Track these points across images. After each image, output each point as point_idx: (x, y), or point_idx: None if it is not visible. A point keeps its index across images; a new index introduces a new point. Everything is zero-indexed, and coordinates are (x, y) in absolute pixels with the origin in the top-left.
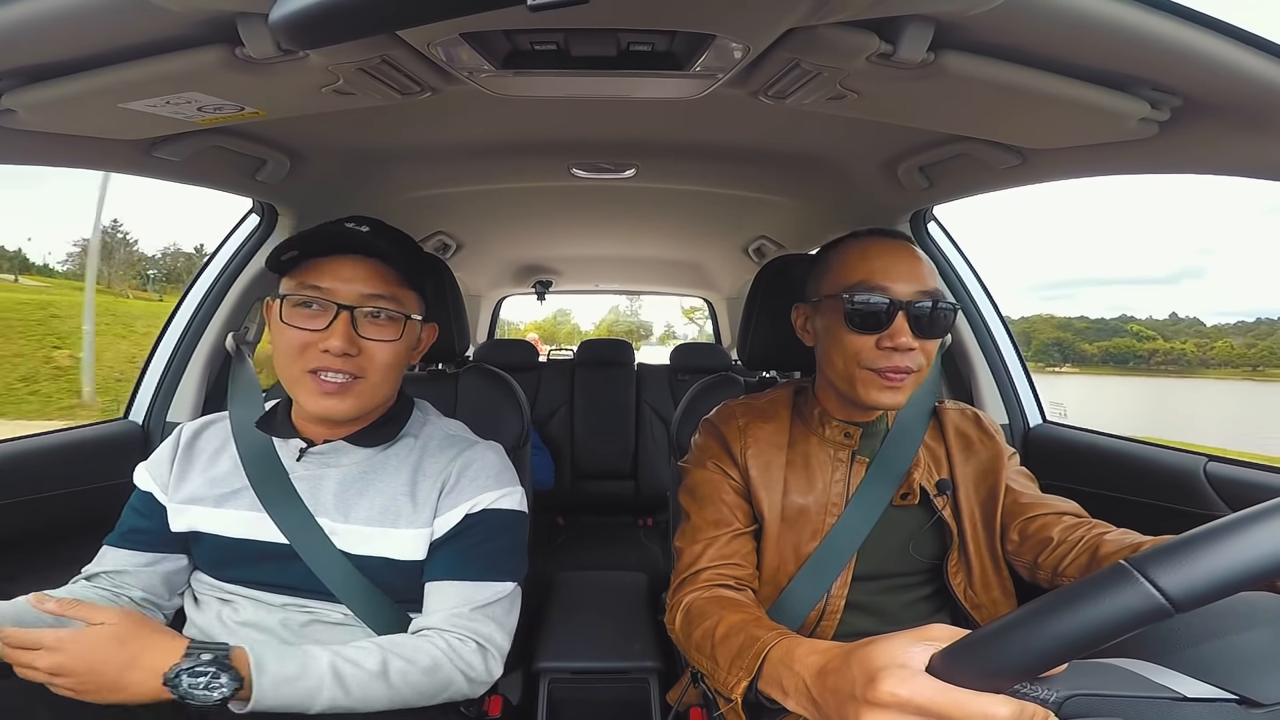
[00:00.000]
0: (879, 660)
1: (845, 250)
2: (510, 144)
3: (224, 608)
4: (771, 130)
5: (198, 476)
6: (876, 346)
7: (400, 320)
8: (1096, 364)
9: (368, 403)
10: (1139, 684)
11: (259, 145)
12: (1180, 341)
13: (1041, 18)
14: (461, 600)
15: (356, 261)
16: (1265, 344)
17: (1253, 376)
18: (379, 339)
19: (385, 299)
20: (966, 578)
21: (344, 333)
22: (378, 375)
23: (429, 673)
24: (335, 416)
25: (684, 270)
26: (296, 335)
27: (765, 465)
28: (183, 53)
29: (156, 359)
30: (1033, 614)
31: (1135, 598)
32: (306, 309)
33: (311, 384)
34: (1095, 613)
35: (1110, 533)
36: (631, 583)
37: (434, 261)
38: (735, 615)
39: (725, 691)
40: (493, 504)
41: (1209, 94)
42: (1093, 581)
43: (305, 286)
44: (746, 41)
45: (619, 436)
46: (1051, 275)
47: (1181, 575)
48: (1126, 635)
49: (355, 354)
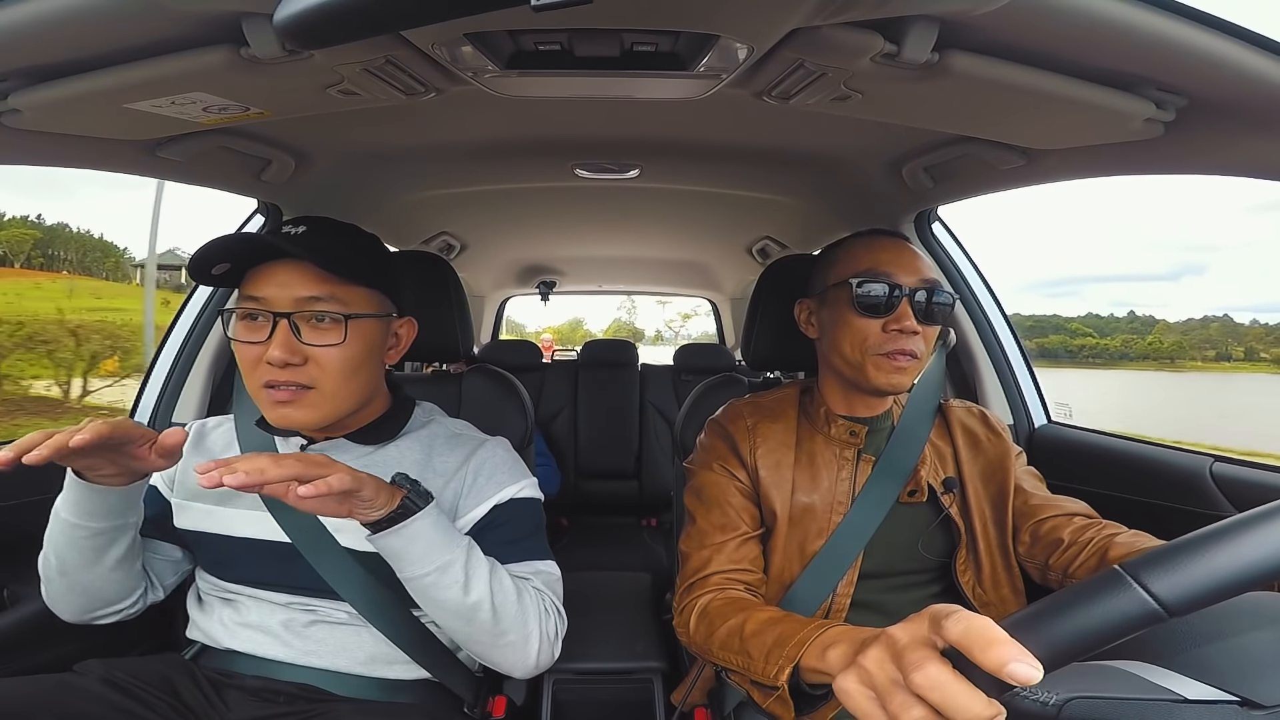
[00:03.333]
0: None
1: (852, 244)
2: (514, 144)
3: (226, 609)
4: (775, 131)
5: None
6: (883, 330)
7: (342, 321)
8: (1034, 358)
9: (329, 411)
10: (1140, 686)
11: (263, 145)
12: (1110, 339)
13: (1047, 18)
14: (521, 570)
15: (289, 267)
16: (1189, 338)
17: (1166, 367)
18: (322, 344)
19: (324, 300)
20: (975, 575)
21: (283, 342)
22: (332, 382)
23: (519, 595)
24: (295, 425)
25: (688, 271)
26: (244, 350)
27: (775, 464)
28: (187, 53)
29: (161, 361)
30: (1024, 619)
31: (1128, 603)
32: (252, 321)
33: (266, 397)
34: (1088, 618)
35: (1121, 534)
36: (635, 583)
37: (424, 256)
38: (764, 613)
39: (767, 681)
40: (517, 494)
41: (1215, 94)
42: (1086, 586)
43: (244, 298)
44: (750, 42)
45: (623, 437)
46: (1054, 272)
47: (1174, 580)
48: (1121, 640)
49: (300, 363)
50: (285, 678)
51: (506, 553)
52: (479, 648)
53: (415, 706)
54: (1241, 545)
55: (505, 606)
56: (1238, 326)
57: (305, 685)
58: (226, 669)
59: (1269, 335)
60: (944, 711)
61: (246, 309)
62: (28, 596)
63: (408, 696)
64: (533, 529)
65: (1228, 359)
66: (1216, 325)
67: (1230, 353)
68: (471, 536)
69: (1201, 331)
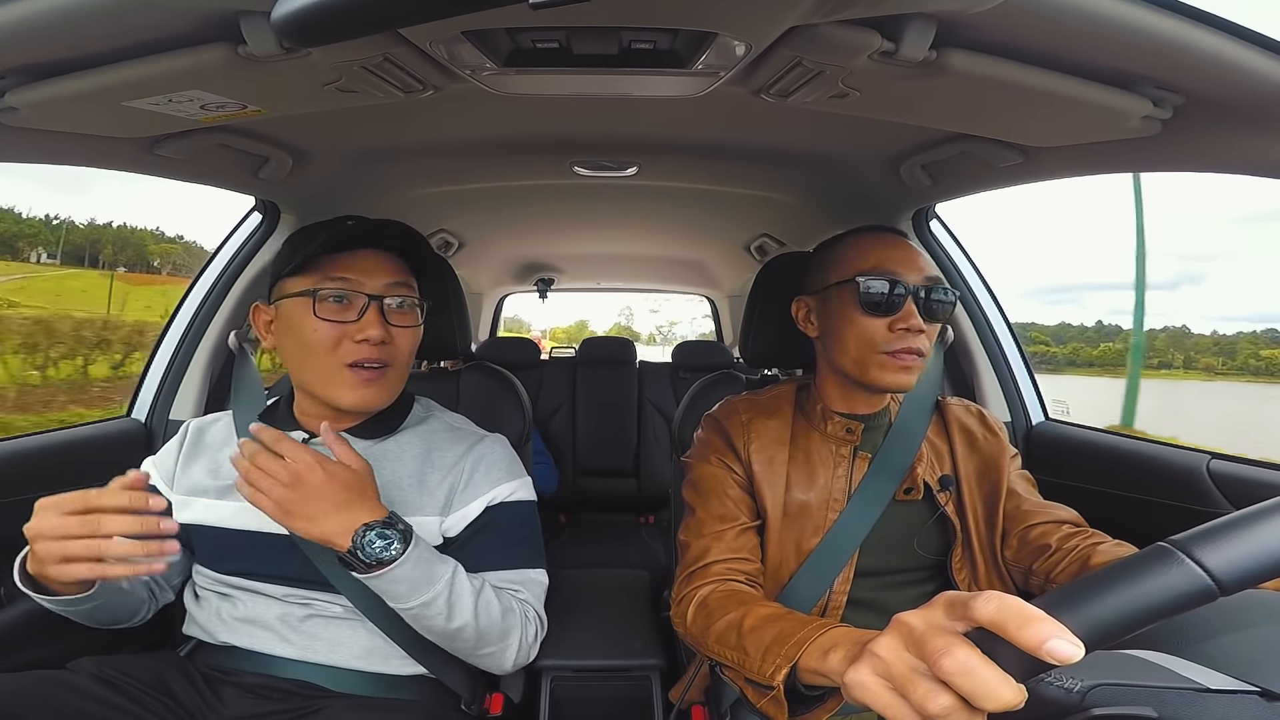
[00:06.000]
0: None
1: (854, 241)
2: (512, 142)
3: (223, 603)
4: (773, 128)
5: (201, 469)
6: (889, 329)
7: (419, 307)
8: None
9: (395, 390)
10: (1162, 675)
11: (261, 143)
12: (1061, 346)
13: (1044, 16)
14: (512, 578)
15: (375, 254)
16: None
17: (1108, 373)
18: (405, 325)
19: (405, 286)
20: (971, 573)
21: (379, 321)
22: (403, 362)
23: (504, 615)
24: (372, 406)
25: (686, 268)
26: (330, 329)
27: (768, 461)
28: (185, 51)
29: (159, 357)
30: (1061, 596)
31: (1180, 578)
32: (337, 303)
33: (351, 376)
34: (1134, 595)
35: (1104, 544)
36: (633, 580)
37: (436, 255)
38: (764, 608)
39: (763, 680)
40: (509, 497)
41: (1212, 92)
42: (1131, 562)
43: (333, 279)
44: (748, 39)
45: (621, 434)
46: (1054, 279)
47: (1227, 554)
48: (1167, 618)
49: (388, 342)
50: (282, 673)
51: (497, 559)
52: (452, 651)
53: (412, 703)
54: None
55: (489, 627)
56: (1185, 338)
57: (301, 681)
58: (222, 665)
59: (1215, 346)
60: (972, 698)
61: (336, 289)
62: (23, 594)
63: (404, 693)
64: (525, 535)
65: (1169, 366)
66: (1163, 336)
67: (1171, 360)
68: (465, 536)
69: (1147, 342)
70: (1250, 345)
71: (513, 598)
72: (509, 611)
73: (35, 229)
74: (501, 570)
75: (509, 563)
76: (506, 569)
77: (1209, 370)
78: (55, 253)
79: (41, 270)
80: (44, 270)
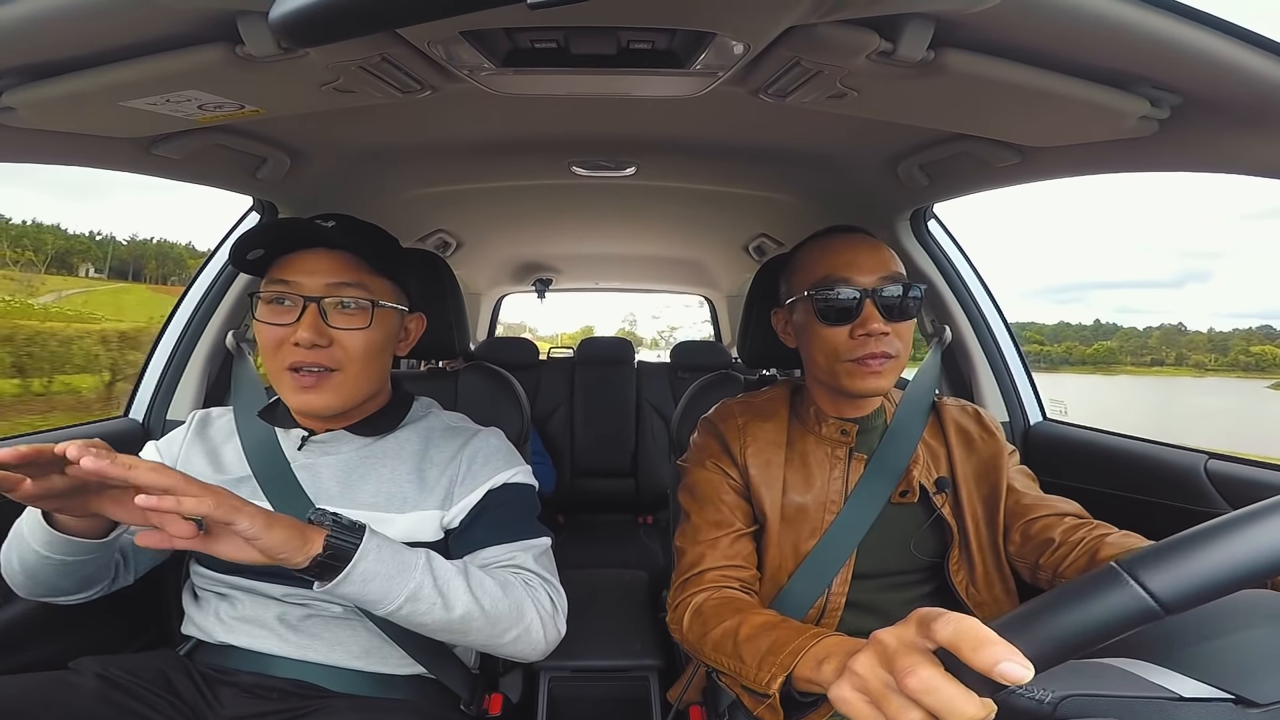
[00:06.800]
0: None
1: (808, 250)
2: (510, 142)
3: (222, 604)
4: (771, 128)
5: (202, 462)
6: (850, 337)
7: (369, 307)
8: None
9: (349, 395)
10: (1136, 684)
11: (259, 143)
12: (1056, 345)
13: (1041, 16)
14: (505, 553)
15: (320, 254)
16: (1130, 344)
17: (1100, 371)
18: (349, 327)
19: (352, 287)
20: (969, 575)
21: (311, 324)
22: (355, 366)
23: (504, 588)
24: (316, 411)
25: (684, 268)
26: (270, 332)
27: (765, 464)
28: (183, 51)
29: (156, 357)
30: (1014, 619)
31: (1125, 600)
32: (279, 305)
33: (290, 380)
34: (1082, 616)
35: (1111, 535)
36: (632, 581)
37: (421, 254)
38: (759, 616)
39: (759, 688)
40: (510, 479)
41: (1209, 92)
42: (1080, 584)
43: (274, 282)
44: (746, 39)
45: (619, 434)
46: (1061, 278)
47: (1171, 577)
48: (1115, 638)
49: (326, 345)
50: (281, 673)
51: (498, 535)
52: (485, 649)
53: (411, 703)
54: (1238, 542)
55: (496, 606)
56: (1180, 335)
57: (300, 681)
58: (222, 665)
59: (1209, 343)
60: (938, 714)
61: (275, 292)
62: (19, 597)
63: (403, 693)
64: (525, 511)
65: (1160, 364)
66: (1157, 333)
67: (1163, 358)
68: (466, 522)
69: (1139, 339)
70: (1242, 341)
71: (508, 572)
72: (509, 585)
73: (85, 245)
74: (503, 544)
75: (509, 536)
76: (507, 542)
77: (1199, 367)
78: (103, 268)
79: (94, 284)
80: (96, 284)
